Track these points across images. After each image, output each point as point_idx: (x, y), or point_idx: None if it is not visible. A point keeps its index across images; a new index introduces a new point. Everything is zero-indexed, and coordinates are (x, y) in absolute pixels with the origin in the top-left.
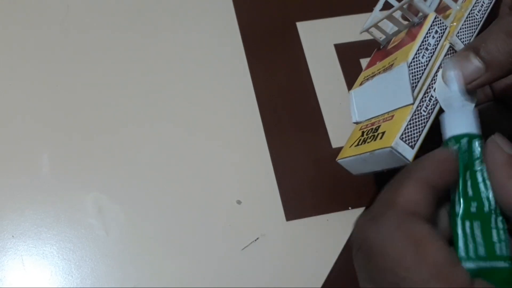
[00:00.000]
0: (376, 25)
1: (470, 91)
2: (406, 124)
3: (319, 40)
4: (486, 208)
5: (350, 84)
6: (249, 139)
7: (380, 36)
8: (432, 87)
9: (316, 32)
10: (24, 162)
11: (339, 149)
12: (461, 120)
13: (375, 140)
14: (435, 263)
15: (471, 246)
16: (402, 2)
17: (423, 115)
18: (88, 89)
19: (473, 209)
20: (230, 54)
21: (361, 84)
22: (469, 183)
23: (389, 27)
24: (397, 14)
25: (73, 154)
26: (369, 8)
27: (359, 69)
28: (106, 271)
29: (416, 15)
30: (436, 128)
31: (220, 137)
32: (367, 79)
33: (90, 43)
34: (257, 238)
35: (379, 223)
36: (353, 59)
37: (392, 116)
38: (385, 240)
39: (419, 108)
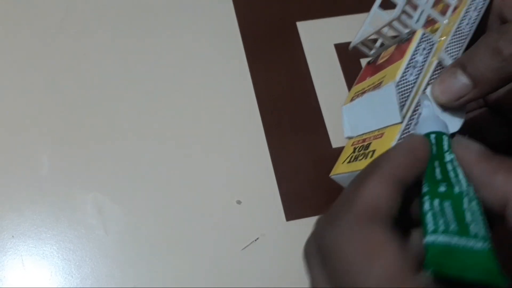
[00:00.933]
0: (365, 40)
1: (458, 107)
2: (395, 143)
3: (319, 40)
4: (457, 190)
5: (350, 84)
6: (249, 139)
7: (369, 51)
8: (421, 105)
9: (316, 32)
10: (24, 162)
11: (340, 149)
12: (430, 122)
13: (365, 158)
14: (386, 272)
15: (441, 221)
16: (389, 19)
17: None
18: (88, 89)
19: (442, 188)
20: (230, 54)
21: (352, 99)
22: (437, 170)
23: (379, 42)
24: (386, 30)
25: (73, 154)
26: (369, 8)
27: (359, 69)
28: (106, 271)
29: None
30: None
31: (220, 137)
32: (358, 95)
33: (90, 44)
34: (257, 238)
35: (336, 225)
36: (353, 59)
37: (382, 134)
38: (341, 244)
39: (408, 126)
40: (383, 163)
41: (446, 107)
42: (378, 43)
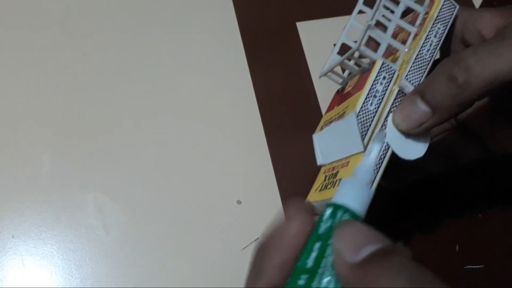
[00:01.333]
0: (332, 70)
1: (421, 133)
2: None
3: (319, 40)
4: (315, 285)
5: None
6: (249, 139)
7: (337, 80)
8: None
9: (316, 32)
10: (24, 162)
11: None
12: (348, 185)
13: (333, 186)
14: None
15: None
16: (349, 51)
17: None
18: (88, 89)
19: (301, 282)
20: (230, 54)
21: (321, 128)
22: (313, 254)
23: (345, 71)
24: (350, 61)
25: (73, 154)
26: (369, 9)
27: None
28: (106, 271)
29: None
30: (395, 165)
31: (220, 137)
32: (326, 124)
33: (90, 43)
34: (257, 238)
35: None
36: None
37: (348, 162)
38: None
39: None
40: (270, 251)
41: (409, 134)
42: (345, 72)
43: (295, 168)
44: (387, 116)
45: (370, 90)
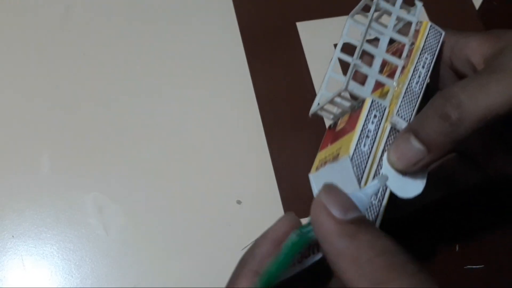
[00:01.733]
0: (322, 108)
1: (417, 171)
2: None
3: (319, 40)
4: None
5: None
6: (249, 139)
7: (328, 116)
8: (379, 172)
9: (316, 32)
10: (24, 162)
11: None
12: None
13: None
14: None
15: None
16: (337, 91)
17: (374, 204)
18: (88, 89)
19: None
20: (230, 54)
21: (317, 168)
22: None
23: (335, 108)
24: (338, 99)
25: (73, 154)
26: (369, 8)
27: None
28: (106, 271)
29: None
30: (394, 201)
31: (220, 137)
32: (322, 165)
33: (90, 43)
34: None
35: None
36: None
37: None
38: None
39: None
40: (249, 257)
41: (405, 172)
42: (336, 109)
43: (295, 168)
44: (382, 155)
45: (362, 131)
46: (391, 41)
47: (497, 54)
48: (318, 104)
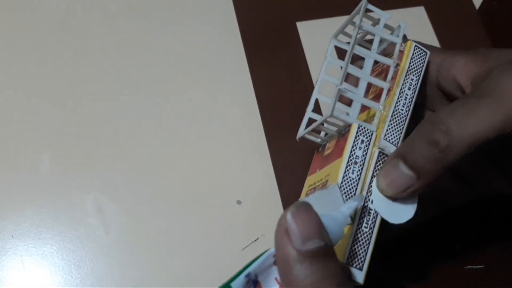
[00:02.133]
0: (309, 132)
1: (407, 197)
2: (349, 247)
3: (319, 40)
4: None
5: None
6: (249, 139)
7: (316, 139)
8: (369, 199)
9: (316, 32)
10: (24, 162)
11: None
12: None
13: None
14: None
15: None
16: (323, 117)
17: (365, 232)
18: (88, 89)
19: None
20: (230, 54)
21: (306, 194)
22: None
23: (323, 132)
24: (325, 124)
25: (73, 154)
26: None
27: None
28: (106, 271)
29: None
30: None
31: (220, 137)
32: (311, 191)
33: (90, 43)
34: (257, 238)
35: None
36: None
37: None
38: None
39: (359, 225)
40: None
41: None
42: (323, 133)
43: (295, 168)
44: (371, 181)
45: (349, 157)
46: (376, 61)
47: (484, 75)
48: (305, 128)
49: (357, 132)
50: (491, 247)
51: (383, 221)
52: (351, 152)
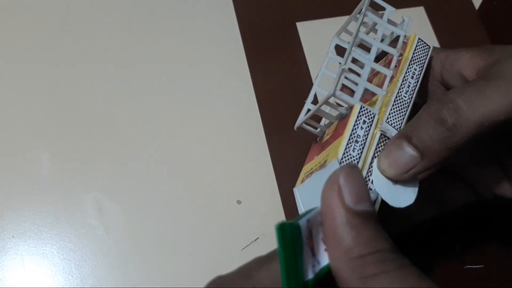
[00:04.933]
0: (307, 120)
1: (409, 179)
2: None
3: (319, 40)
4: None
5: None
6: (249, 139)
7: (314, 129)
8: (369, 179)
9: (316, 32)
10: (24, 162)
11: None
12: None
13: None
14: None
15: None
16: (325, 97)
17: None
18: (88, 89)
19: None
20: (230, 54)
21: (302, 181)
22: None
23: (323, 120)
24: (326, 108)
25: (73, 154)
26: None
27: None
28: (106, 271)
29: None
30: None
31: (220, 137)
32: (307, 176)
33: (90, 43)
34: (257, 238)
35: None
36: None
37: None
38: None
39: None
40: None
41: (396, 180)
42: (322, 122)
43: (295, 168)
44: (371, 162)
45: (351, 135)
46: (377, 60)
47: (491, 64)
48: (306, 113)
49: (359, 112)
50: (491, 247)
51: (382, 202)
52: (352, 130)
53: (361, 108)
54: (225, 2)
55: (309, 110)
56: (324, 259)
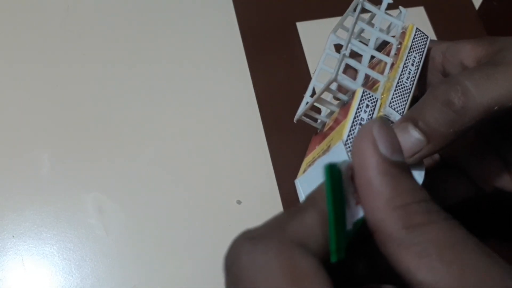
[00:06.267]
0: (308, 111)
1: (414, 163)
2: None
3: (319, 40)
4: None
5: None
6: (249, 139)
7: (314, 121)
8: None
9: (316, 32)
10: (24, 162)
11: None
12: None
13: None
14: None
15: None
16: (326, 82)
17: None
18: (88, 89)
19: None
20: (230, 54)
21: (304, 171)
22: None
23: (323, 112)
24: (327, 97)
25: (73, 154)
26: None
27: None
28: (106, 271)
29: (345, 94)
30: None
31: (220, 137)
32: (310, 166)
33: (90, 43)
34: None
35: (257, 246)
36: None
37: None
38: (259, 268)
39: None
40: (323, 197)
41: None
42: (322, 113)
43: (295, 168)
44: None
45: (354, 117)
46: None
47: (496, 52)
48: (306, 103)
49: (362, 96)
50: (491, 246)
51: None
52: (356, 113)
53: (363, 92)
54: (225, 2)
55: (307, 103)
56: (357, 213)
